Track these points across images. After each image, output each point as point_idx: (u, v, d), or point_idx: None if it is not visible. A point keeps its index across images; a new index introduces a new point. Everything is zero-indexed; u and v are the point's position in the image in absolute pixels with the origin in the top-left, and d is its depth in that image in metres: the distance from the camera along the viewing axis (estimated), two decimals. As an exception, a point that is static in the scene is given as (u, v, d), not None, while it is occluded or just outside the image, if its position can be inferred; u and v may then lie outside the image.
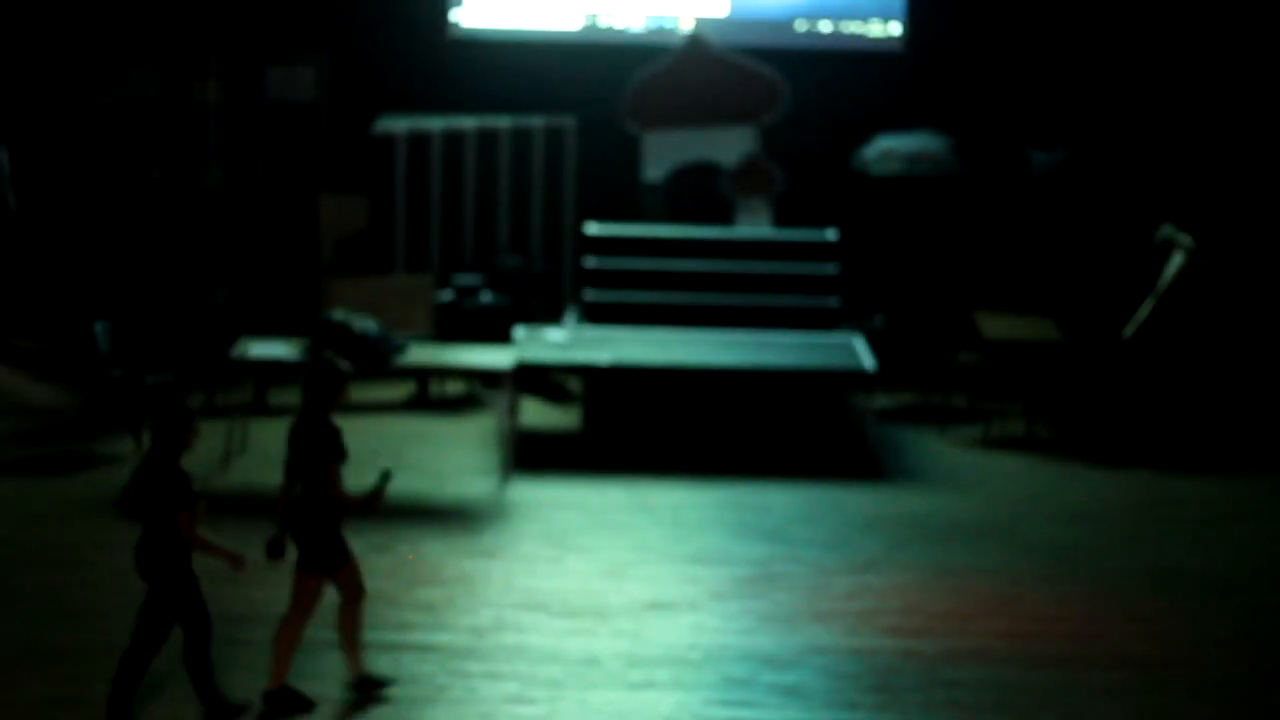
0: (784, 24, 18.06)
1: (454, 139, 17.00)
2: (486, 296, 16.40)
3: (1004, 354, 15.35)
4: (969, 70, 17.98)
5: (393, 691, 9.00)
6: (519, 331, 14.98)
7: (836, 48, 18.09)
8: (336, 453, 8.65)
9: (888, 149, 17.12)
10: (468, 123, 17.17)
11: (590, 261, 16.20)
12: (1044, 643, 10.11)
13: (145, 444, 13.66)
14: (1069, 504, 13.17)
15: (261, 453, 13.81)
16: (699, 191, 17.21)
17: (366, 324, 13.40)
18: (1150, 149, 17.66)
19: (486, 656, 9.62)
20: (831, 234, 16.48)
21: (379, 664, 9.42)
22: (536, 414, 15.35)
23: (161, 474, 8.38)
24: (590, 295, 15.94)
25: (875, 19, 18.07)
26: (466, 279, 16.48)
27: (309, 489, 8.68)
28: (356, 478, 13.20)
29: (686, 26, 17.86)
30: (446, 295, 16.31)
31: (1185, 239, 15.14)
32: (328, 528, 8.71)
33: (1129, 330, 15.08)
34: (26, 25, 18.18)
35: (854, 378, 14.67)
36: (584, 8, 18.09)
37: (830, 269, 16.21)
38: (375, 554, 11.43)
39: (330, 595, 9.86)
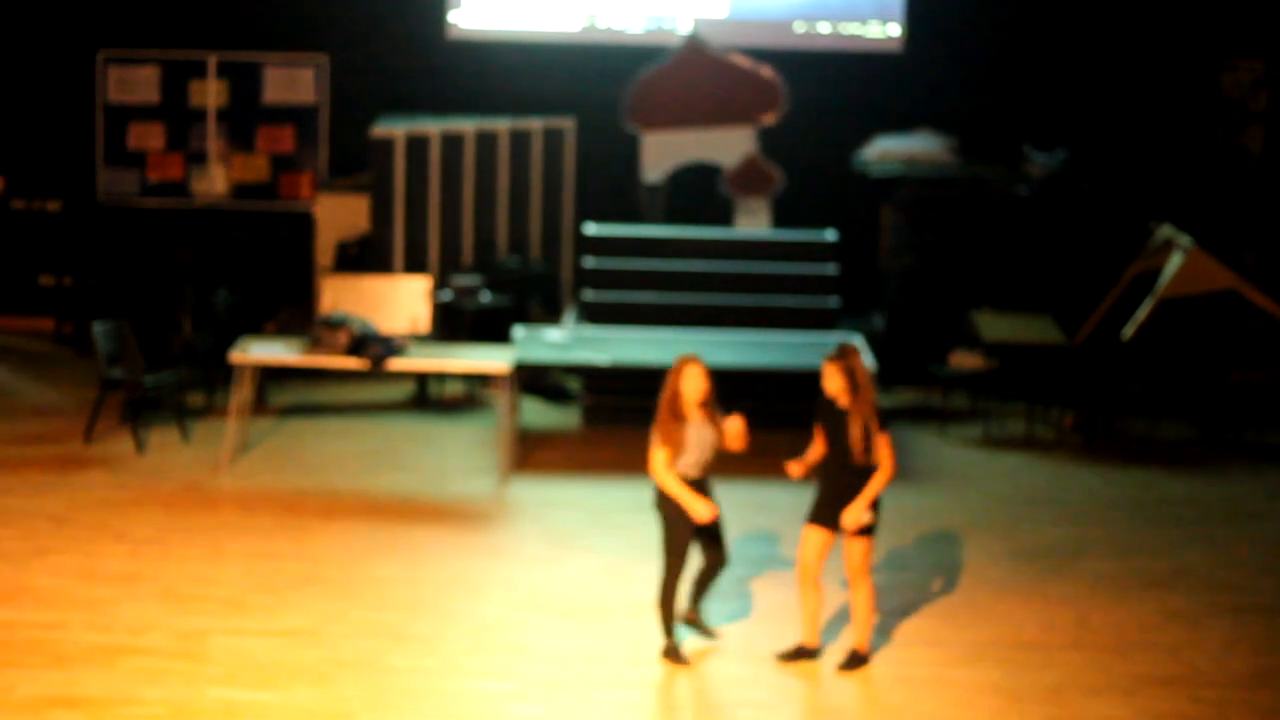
0: (783, 25, 18.05)
1: (453, 140, 16.99)
2: (486, 297, 16.40)
3: (1004, 354, 15.34)
4: (968, 70, 17.97)
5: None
6: (519, 331, 14.97)
7: (835, 49, 18.08)
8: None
9: (887, 149, 17.11)
10: (466, 124, 17.16)
11: (589, 262, 16.18)
12: (1044, 643, 10.11)
13: (142, 445, 13.67)
14: (1069, 504, 13.17)
15: (261, 452, 13.81)
16: (698, 192, 17.19)
17: (366, 324, 13.40)
18: (1150, 149, 17.65)
19: (488, 655, 9.62)
20: (831, 234, 16.47)
21: (383, 662, 9.43)
22: (536, 414, 15.34)
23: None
24: (590, 295, 15.92)
25: (874, 20, 18.06)
26: (466, 279, 16.46)
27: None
28: (360, 476, 13.24)
29: (686, 27, 17.85)
30: (446, 295, 16.30)
31: (1185, 239, 15.14)
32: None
33: (1129, 330, 15.08)
34: (25, 26, 18.17)
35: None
36: (584, 8, 18.09)
37: (830, 269, 16.20)
38: (377, 555, 11.44)
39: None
